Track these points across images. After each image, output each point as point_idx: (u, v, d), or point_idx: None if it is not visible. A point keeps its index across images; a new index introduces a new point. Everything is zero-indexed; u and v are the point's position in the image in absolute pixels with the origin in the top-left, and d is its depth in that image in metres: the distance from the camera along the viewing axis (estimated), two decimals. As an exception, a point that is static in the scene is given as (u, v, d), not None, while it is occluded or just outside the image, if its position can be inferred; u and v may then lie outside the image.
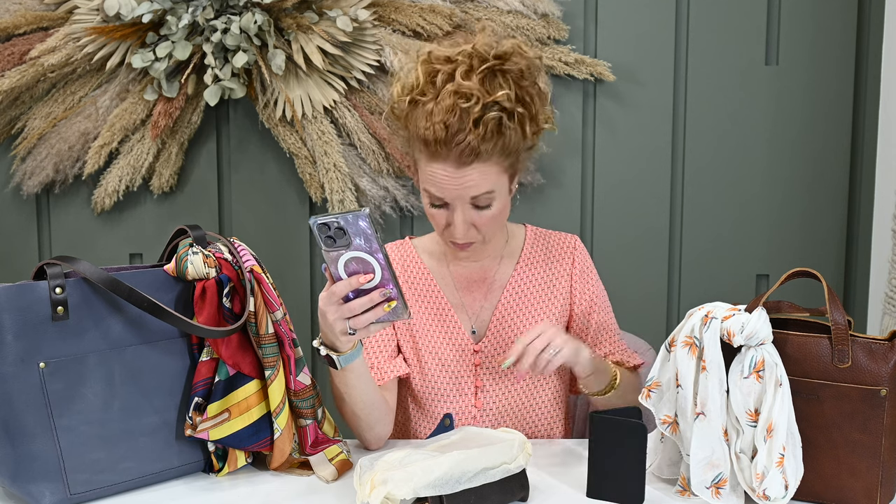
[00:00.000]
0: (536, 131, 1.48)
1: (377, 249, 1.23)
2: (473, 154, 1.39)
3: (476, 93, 1.38)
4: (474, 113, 1.38)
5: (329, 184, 2.20)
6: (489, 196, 1.44)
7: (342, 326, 1.29)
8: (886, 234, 2.14)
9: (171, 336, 1.33)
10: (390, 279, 1.25)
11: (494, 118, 1.39)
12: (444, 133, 1.38)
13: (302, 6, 2.13)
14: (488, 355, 1.57)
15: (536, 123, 1.47)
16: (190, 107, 2.18)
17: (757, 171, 2.33)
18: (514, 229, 1.65)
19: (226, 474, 1.36)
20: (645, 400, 1.33)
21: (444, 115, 1.38)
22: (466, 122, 1.38)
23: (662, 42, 2.28)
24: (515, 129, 1.42)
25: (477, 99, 1.38)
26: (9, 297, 1.20)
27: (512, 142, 1.42)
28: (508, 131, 1.41)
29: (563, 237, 1.65)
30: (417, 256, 1.63)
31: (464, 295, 1.60)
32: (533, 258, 1.62)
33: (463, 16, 2.19)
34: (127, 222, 2.27)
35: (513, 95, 1.41)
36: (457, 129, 1.38)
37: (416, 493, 1.15)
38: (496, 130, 1.39)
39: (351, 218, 1.20)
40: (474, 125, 1.38)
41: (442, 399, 1.58)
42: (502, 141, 1.41)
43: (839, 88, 2.30)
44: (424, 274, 1.61)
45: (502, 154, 1.43)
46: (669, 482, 1.34)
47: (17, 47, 2.12)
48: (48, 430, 1.22)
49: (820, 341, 1.25)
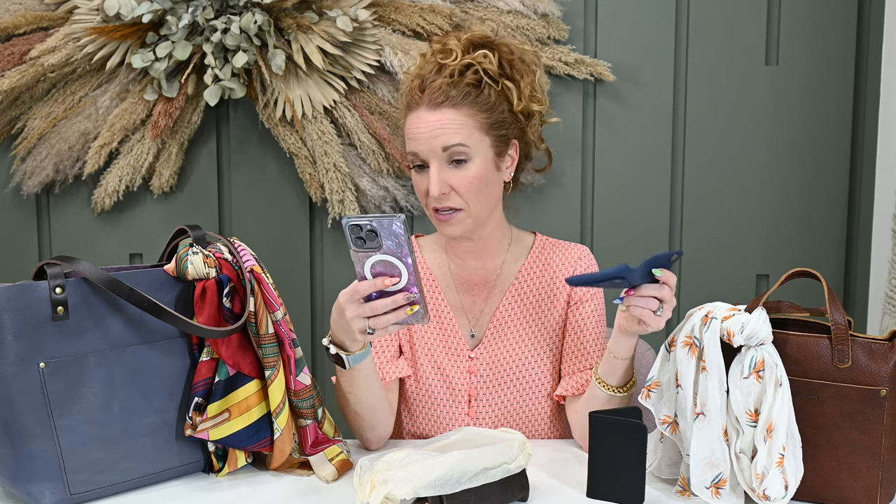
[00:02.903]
0: (527, 109, 1.50)
1: (407, 254, 1.23)
2: (444, 96, 1.45)
3: (456, 50, 1.47)
4: (451, 66, 1.46)
5: (329, 184, 2.20)
6: (462, 150, 1.45)
7: (361, 325, 1.29)
8: (886, 234, 2.14)
9: (171, 336, 1.33)
10: (415, 283, 1.26)
11: (472, 70, 1.46)
12: (419, 83, 1.47)
13: (302, 6, 2.13)
14: (483, 362, 1.56)
15: (524, 99, 1.49)
16: (190, 107, 2.18)
17: (757, 171, 2.33)
18: (522, 235, 1.64)
19: (226, 474, 1.36)
20: (645, 400, 1.33)
21: (426, 72, 1.48)
22: (443, 73, 1.46)
23: (662, 42, 2.28)
24: (497, 92, 1.47)
25: (456, 56, 1.47)
26: (9, 297, 1.20)
27: (491, 101, 1.47)
28: (487, 88, 1.47)
29: (571, 248, 1.62)
30: (421, 255, 1.63)
31: (464, 297, 1.60)
32: (537, 266, 1.60)
33: (463, 16, 2.19)
34: (127, 222, 2.27)
35: (494, 60, 1.47)
36: (432, 79, 1.47)
37: (416, 493, 1.15)
38: (472, 83, 1.46)
39: (386, 222, 1.21)
40: (449, 75, 1.46)
41: (435, 403, 1.57)
42: (476, 93, 1.46)
43: (839, 88, 2.30)
44: (426, 274, 1.61)
45: (476, 107, 1.46)
46: (669, 482, 1.35)
47: (17, 47, 2.12)
48: (48, 430, 1.22)
49: (820, 341, 1.25)
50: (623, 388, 1.43)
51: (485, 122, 1.46)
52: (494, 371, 1.55)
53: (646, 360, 1.72)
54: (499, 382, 1.55)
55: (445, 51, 1.48)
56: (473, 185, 1.46)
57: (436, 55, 1.49)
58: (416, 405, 1.59)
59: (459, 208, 1.47)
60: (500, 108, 1.47)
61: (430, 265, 1.62)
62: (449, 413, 1.57)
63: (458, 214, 1.48)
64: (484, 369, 1.56)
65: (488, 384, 1.56)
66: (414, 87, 1.48)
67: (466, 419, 1.56)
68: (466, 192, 1.47)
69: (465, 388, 1.56)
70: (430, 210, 1.50)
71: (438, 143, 1.45)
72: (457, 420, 1.57)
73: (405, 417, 1.61)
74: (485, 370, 1.56)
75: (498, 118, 1.48)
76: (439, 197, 1.46)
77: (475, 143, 1.46)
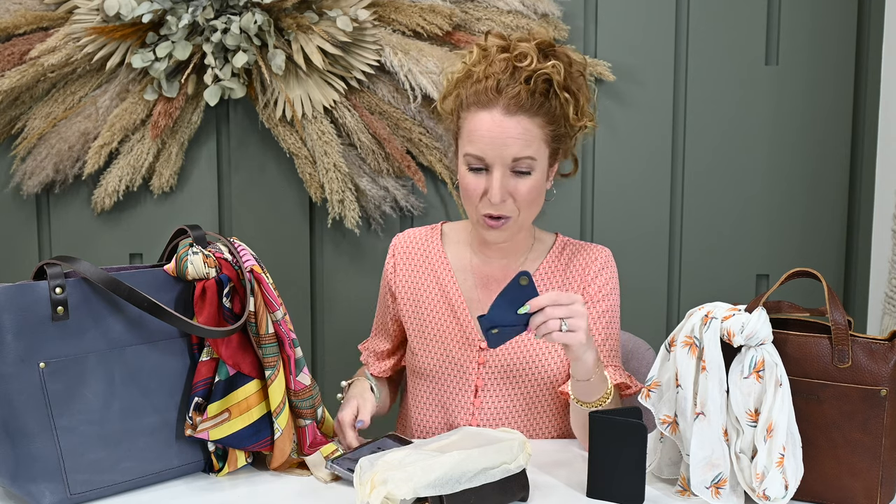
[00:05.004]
0: (580, 122, 1.50)
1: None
2: (521, 106, 1.44)
3: (531, 54, 1.45)
4: (527, 71, 1.44)
5: (329, 184, 2.20)
6: (530, 162, 1.45)
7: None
8: (886, 234, 2.14)
9: (171, 336, 1.33)
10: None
11: (545, 79, 1.45)
12: (495, 84, 1.44)
13: (302, 6, 2.13)
14: (493, 355, 1.57)
15: (581, 114, 1.50)
16: (190, 107, 2.18)
17: (757, 171, 2.33)
18: (544, 235, 1.65)
19: (226, 474, 1.36)
20: (645, 400, 1.33)
21: (499, 71, 1.45)
22: (518, 78, 1.44)
23: (662, 42, 2.28)
24: (561, 105, 1.46)
25: (531, 60, 1.44)
26: (9, 297, 1.20)
27: (558, 112, 1.46)
28: (555, 100, 1.46)
29: (590, 249, 1.62)
30: (441, 246, 1.64)
31: (481, 291, 1.60)
32: (555, 266, 1.61)
33: (463, 16, 2.19)
34: (127, 222, 2.27)
35: (562, 72, 1.46)
36: (507, 82, 1.44)
37: (416, 493, 1.15)
38: (544, 93, 1.45)
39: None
40: (525, 81, 1.44)
41: (442, 390, 1.58)
42: (549, 105, 1.45)
43: (839, 88, 2.30)
44: (444, 265, 1.62)
45: (547, 118, 1.46)
46: (669, 482, 1.34)
47: (17, 47, 2.11)
48: (48, 430, 1.22)
49: (820, 341, 1.25)
50: (595, 404, 1.42)
51: (550, 135, 1.47)
52: (504, 365, 1.56)
53: (646, 360, 1.72)
54: (507, 376, 1.56)
55: (520, 54, 1.45)
56: (531, 196, 1.48)
57: (511, 58, 1.45)
58: (424, 391, 1.60)
59: (510, 216, 1.49)
60: (561, 120, 1.48)
61: (448, 258, 1.63)
62: (455, 402, 1.58)
63: (508, 222, 1.49)
64: (494, 361, 1.57)
65: (496, 377, 1.57)
66: (489, 86, 1.44)
67: (471, 408, 1.57)
68: (523, 202, 1.48)
69: (473, 378, 1.57)
70: (477, 213, 1.50)
71: (510, 152, 1.44)
72: (462, 409, 1.58)
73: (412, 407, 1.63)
74: (495, 362, 1.57)
75: (559, 131, 1.48)
76: (499, 205, 1.46)
77: (540, 156, 1.47)
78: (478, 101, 1.46)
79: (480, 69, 1.47)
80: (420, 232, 1.67)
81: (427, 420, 1.61)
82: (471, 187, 1.48)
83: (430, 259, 1.63)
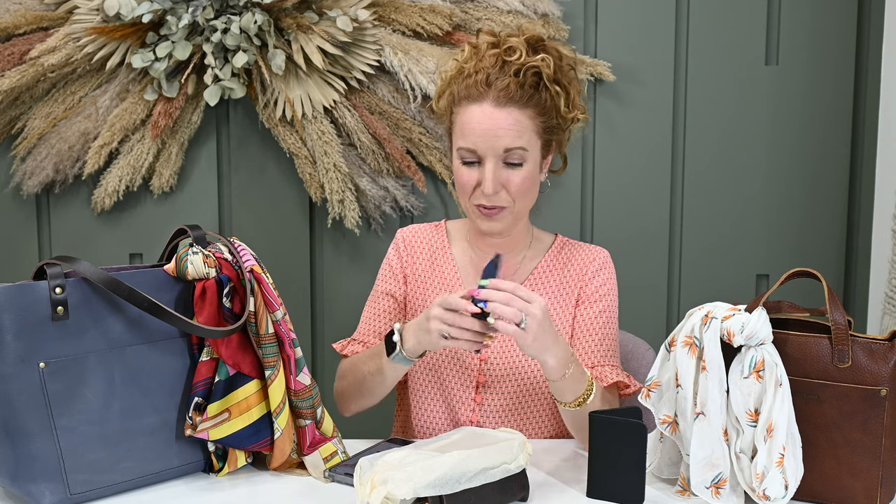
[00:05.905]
0: (572, 114, 1.52)
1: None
2: (511, 98, 1.45)
3: (521, 48, 1.47)
4: (516, 64, 1.46)
5: (329, 184, 2.20)
6: (521, 153, 1.47)
7: (440, 327, 1.35)
8: (886, 234, 2.14)
9: (171, 336, 1.33)
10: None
11: (534, 72, 1.47)
12: (485, 77, 1.47)
13: (302, 6, 2.13)
14: (495, 351, 1.57)
15: (572, 106, 1.52)
16: (190, 107, 2.18)
17: (757, 171, 2.33)
18: (543, 235, 1.66)
19: (226, 474, 1.36)
20: (645, 400, 1.33)
21: (489, 66, 1.47)
22: (507, 71, 1.46)
23: (662, 42, 2.28)
24: (552, 97, 1.48)
25: (520, 54, 1.46)
26: (9, 297, 1.20)
27: (548, 105, 1.48)
28: (545, 93, 1.48)
29: (589, 249, 1.64)
30: (447, 243, 1.66)
31: None
32: (553, 265, 1.62)
33: (463, 16, 2.19)
34: (127, 222, 2.27)
35: (552, 65, 1.48)
36: (497, 75, 1.46)
37: (416, 493, 1.15)
38: (534, 85, 1.47)
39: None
40: (514, 74, 1.46)
41: (445, 385, 1.58)
42: (539, 97, 1.47)
43: (839, 88, 2.30)
44: (449, 260, 1.63)
45: (538, 110, 1.48)
46: (669, 482, 1.35)
47: (17, 47, 2.12)
48: (48, 430, 1.22)
49: (820, 341, 1.25)
50: (574, 404, 1.42)
51: (541, 126, 1.49)
52: (504, 362, 1.57)
53: (646, 360, 1.72)
54: (508, 373, 1.57)
55: (509, 49, 1.48)
56: (524, 186, 1.50)
57: (500, 53, 1.48)
58: (427, 387, 1.60)
59: (505, 206, 1.50)
60: (552, 112, 1.50)
61: (453, 254, 1.64)
62: (457, 397, 1.58)
63: (503, 212, 1.51)
64: (495, 358, 1.57)
65: (497, 374, 1.57)
66: (479, 80, 1.47)
67: (473, 404, 1.57)
68: (516, 192, 1.50)
69: (475, 374, 1.57)
70: (471, 205, 1.52)
71: (501, 143, 1.46)
72: (464, 405, 1.58)
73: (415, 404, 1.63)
74: (496, 359, 1.57)
75: (550, 123, 1.51)
76: (492, 196, 1.48)
77: (532, 146, 1.49)
78: (469, 96, 1.48)
79: (471, 65, 1.49)
80: (425, 228, 1.69)
81: (431, 416, 1.61)
82: (464, 180, 1.50)
83: (435, 254, 1.64)
